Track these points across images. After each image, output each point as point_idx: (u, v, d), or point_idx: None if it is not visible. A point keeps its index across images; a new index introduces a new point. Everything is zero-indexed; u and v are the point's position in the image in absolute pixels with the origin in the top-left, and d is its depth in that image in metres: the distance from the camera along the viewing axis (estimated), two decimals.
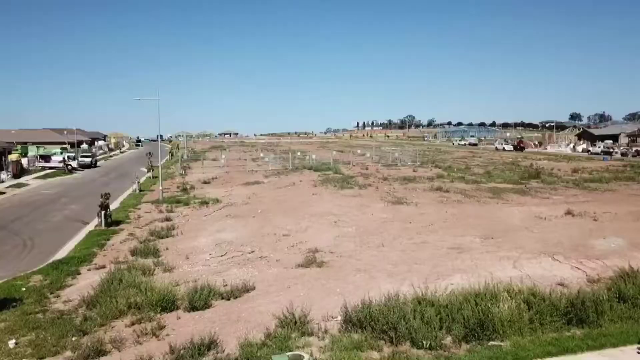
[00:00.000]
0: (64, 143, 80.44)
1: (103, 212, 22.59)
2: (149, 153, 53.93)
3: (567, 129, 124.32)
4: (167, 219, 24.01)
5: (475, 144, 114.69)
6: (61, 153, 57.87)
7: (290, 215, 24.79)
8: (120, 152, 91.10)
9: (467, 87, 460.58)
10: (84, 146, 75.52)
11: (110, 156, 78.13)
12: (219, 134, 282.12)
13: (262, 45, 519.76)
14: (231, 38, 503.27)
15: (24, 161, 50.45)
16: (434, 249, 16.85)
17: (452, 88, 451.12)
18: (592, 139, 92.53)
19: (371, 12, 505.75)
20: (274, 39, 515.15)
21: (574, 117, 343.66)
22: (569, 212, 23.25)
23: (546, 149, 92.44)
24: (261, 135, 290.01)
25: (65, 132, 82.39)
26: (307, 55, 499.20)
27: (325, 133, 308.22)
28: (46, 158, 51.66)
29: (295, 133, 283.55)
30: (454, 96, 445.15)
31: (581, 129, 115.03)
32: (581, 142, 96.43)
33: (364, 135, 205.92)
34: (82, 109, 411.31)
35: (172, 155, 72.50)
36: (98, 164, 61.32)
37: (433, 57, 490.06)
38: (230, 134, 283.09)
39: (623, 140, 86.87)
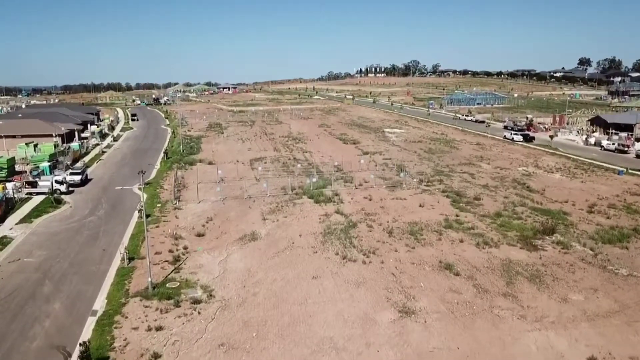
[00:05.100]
0: (52, 135, 77.26)
1: None
2: (142, 171, 51.12)
3: (579, 111, 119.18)
4: (156, 356, 22.19)
5: (483, 122, 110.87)
6: (49, 167, 55.29)
7: (287, 340, 23.45)
8: (114, 140, 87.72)
9: (473, 32, 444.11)
10: (74, 145, 72.33)
11: (103, 151, 75.06)
12: (217, 89, 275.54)
13: None
14: None
15: (9, 186, 47.91)
16: None
17: (458, 33, 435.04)
18: (606, 126, 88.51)
19: None
20: None
21: (583, 62, 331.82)
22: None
23: (557, 135, 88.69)
24: (261, 87, 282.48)
25: (54, 124, 79.04)
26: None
27: (327, 80, 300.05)
28: (33, 184, 48.97)
29: (297, 80, 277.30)
30: (459, 41, 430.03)
31: (594, 110, 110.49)
32: (593, 129, 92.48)
33: (367, 95, 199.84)
34: (75, 56, 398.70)
35: (167, 155, 69.62)
36: (88, 170, 58.70)
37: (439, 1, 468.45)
38: (229, 88, 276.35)
39: (638, 130, 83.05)
